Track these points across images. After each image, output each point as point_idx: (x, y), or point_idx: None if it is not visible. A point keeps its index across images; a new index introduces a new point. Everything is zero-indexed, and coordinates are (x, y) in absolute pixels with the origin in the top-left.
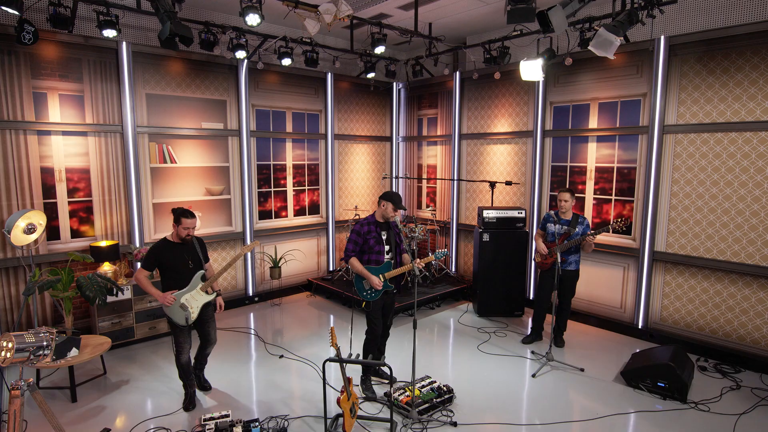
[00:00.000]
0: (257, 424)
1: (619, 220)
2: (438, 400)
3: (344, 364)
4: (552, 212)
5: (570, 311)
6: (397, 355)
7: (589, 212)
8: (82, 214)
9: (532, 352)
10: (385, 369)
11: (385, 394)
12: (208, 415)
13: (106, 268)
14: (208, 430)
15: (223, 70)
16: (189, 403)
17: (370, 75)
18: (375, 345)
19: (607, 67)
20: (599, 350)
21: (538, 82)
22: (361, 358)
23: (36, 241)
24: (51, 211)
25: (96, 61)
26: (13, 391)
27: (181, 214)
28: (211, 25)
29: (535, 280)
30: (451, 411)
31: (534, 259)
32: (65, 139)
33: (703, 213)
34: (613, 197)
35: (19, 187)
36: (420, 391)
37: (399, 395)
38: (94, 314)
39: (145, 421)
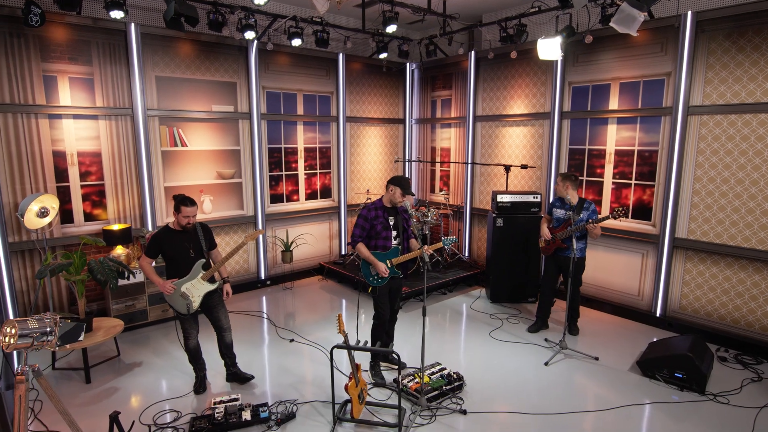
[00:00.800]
0: (266, 408)
1: (620, 208)
2: (447, 387)
3: (357, 348)
4: (556, 198)
5: (579, 298)
6: (407, 341)
7: (607, 197)
8: (95, 197)
9: (546, 340)
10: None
11: (394, 380)
12: (218, 399)
13: (119, 251)
14: (217, 413)
15: (232, 52)
16: (199, 386)
17: (383, 55)
18: (383, 330)
19: (630, 45)
20: (615, 338)
21: (557, 61)
22: (369, 344)
23: (50, 225)
24: (64, 194)
25: (105, 44)
26: (18, 376)
27: (180, 201)
28: (219, 5)
29: None
30: (461, 398)
31: (539, 243)
32: (76, 123)
33: (728, 198)
34: (633, 181)
35: (32, 171)
36: (430, 377)
37: (408, 382)
38: (108, 297)
39: (157, 403)
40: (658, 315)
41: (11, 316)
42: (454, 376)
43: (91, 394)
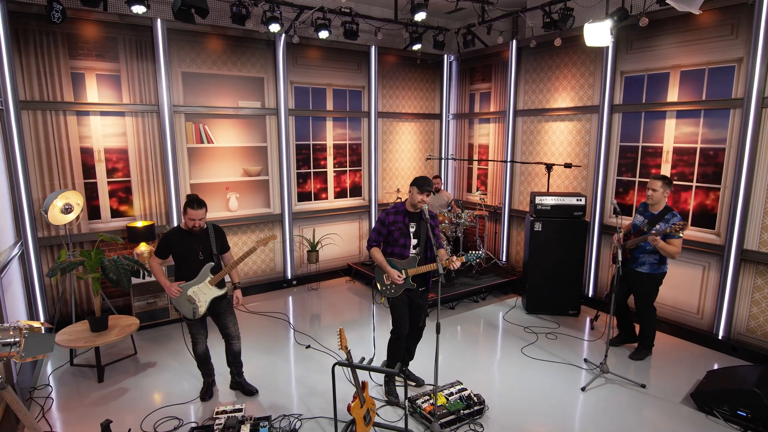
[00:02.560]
0: (266, 423)
1: (678, 223)
2: (466, 411)
3: (360, 367)
4: (642, 203)
5: (649, 321)
6: (429, 353)
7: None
8: (122, 194)
9: (586, 360)
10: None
11: (408, 399)
12: (221, 408)
13: (143, 248)
14: (216, 425)
15: (260, 46)
16: (206, 393)
17: (416, 47)
18: (400, 345)
19: (693, 28)
20: (667, 363)
21: (607, 48)
22: (385, 358)
23: (75, 221)
24: (91, 190)
25: (131, 40)
26: None
27: (187, 203)
28: None
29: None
30: (481, 425)
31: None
32: (103, 120)
33: None
34: (694, 184)
35: (60, 167)
36: (446, 399)
37: (423, 402)
38: (131, 293)
39: (162, 408)
40: (720, 337)
41: (40, 309)
42: (475, 399)
43: (100, 394)
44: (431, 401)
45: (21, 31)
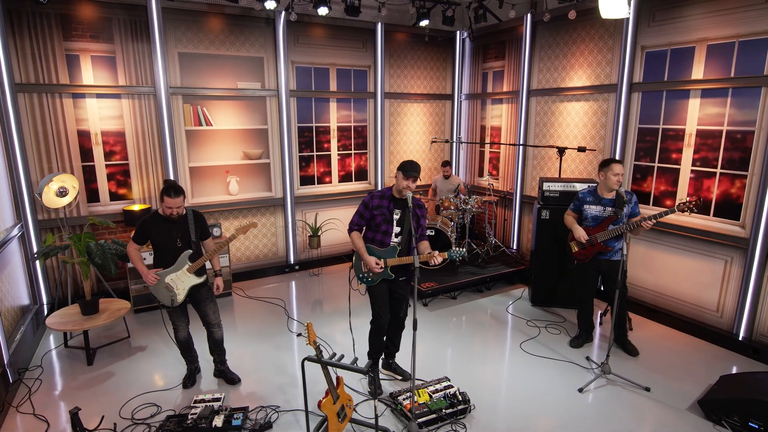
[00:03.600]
0: (240, 415)
1: (687, 201)
2: (448, 411)
3: (328, 363)
4: (588, 190)
5: (626, 309)
6: (429, 345)
7: (683, 189)
8: (120, 177)
9: (588, 359)
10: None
11: (391, 395)
12: (200, 397)
13: None
14: (192, 414)
15: (259, 25)
16: (188, 380)
17: (424, 23)
18: (381, 337)
19: None
20: (678, 363)
21: (626, 21)
22: (369, 350)
23: (70, 204)
24: (90, 174)
25: (126, 20)
26: None
27: (164, 190)
28: None
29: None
30: (464, 425)
31: (570, 250)
32: (99, 102)
33: None
34: (719, 170)
35: (58, 150)
36: (430, 396)
37: (404, 399)
38: (128, 276)
39: (143, 394)
40: (740, 338)
41: (42, 291)
42: (460, 397)
43: (88, 377)
44: (416, 397)
45: (14, 12)
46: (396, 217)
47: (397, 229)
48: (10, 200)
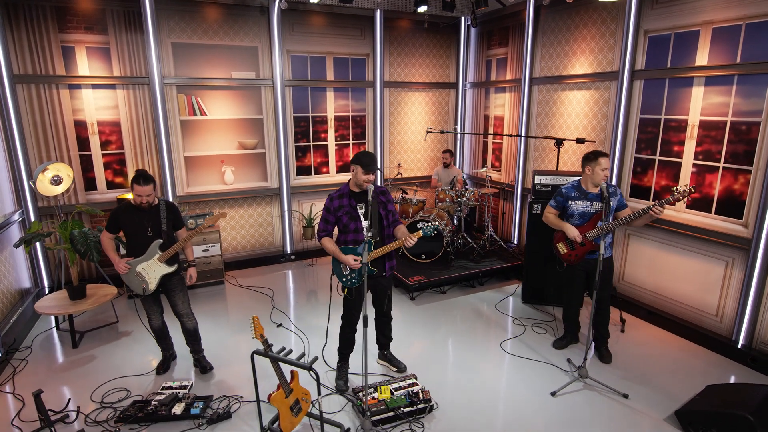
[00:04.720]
0: (201, 404)
1: (680, 190)
2: (406, 410)
3: (274, 357)
4: (571, 185)
5: (608, 311)
6: (419, 340)
7: (685, 183)
8: (116, 166)
9: (569, 361)
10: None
11: (353, 390)
12: (168, 384)
13: None
14: (155, 400)
15: (253, 14)
16: (160, 367)
17: (422, 8)
18: (351, 332)
19: None
20: (667, 370)
21: (629, 3)
22: (338, 345)
23: (67, 191)
24: (87, 162)
25: (119, 11)
26: None
27: (134, 179)
28: None
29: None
30: (422, 424)
31: (558, 252)
32: (95, 93)
33: None
34: (721, 164)
35: (55, 140)
36: (392, 393)
37: (364, 395)
38: None
39: (117, 379)
40: (739, 345)
41: (44, 275)
42: (422, 396)
43: (70, 360)
44: (374, 395)
45: (11, 5)
46: (361, 211)
47: (366, 223)
48: (11, 188)
